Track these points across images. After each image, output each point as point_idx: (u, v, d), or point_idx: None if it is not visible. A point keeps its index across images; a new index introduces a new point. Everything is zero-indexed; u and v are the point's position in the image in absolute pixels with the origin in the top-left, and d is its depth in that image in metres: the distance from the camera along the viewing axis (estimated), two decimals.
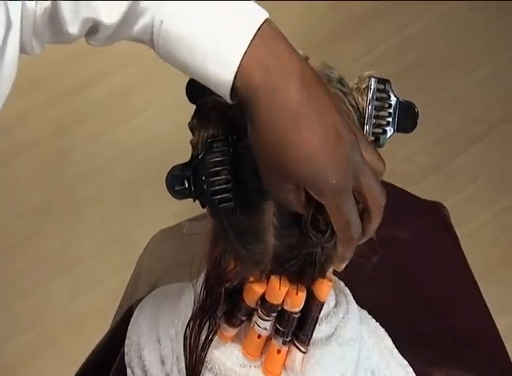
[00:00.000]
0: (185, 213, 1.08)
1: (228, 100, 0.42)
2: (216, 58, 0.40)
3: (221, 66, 0.40)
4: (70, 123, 1.63)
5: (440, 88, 1.60)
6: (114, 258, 1.46)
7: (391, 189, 0.47)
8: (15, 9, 0.41)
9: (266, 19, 0.41)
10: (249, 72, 0.40)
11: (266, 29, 0.40)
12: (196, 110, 0.50)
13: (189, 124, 0.49)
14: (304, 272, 0.50)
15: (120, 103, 1.65)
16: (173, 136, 1.58)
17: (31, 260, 1.48)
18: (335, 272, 0.54)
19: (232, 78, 0.40)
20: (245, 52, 0.39)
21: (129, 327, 0.65)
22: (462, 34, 1.69)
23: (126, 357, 0.65)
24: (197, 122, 0.48)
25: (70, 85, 1.67)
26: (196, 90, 0.50)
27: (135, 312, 0.66)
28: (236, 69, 0.40)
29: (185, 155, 0.49)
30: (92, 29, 0.44)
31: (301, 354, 0.51)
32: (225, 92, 0.42)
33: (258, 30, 0.40)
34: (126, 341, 0.65)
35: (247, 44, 0.40)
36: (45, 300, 1.44)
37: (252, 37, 0.40)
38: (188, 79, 0.51)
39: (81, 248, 1.48)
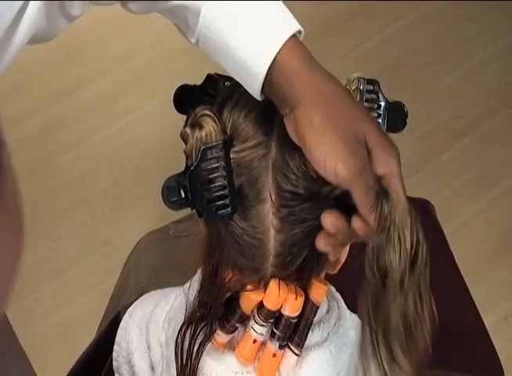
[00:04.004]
0: (170, 215, 1.08)
1: (260, 82, 0.45)
2: (258, 42, 0.45)
3: (262, 47, 0.45)
4: (55, 128, 1.62)
5: (423, 85, 1.61)
6: (100, 263, 1.45)
7: None
8: None
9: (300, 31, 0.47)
10: (286, 56, 0.45)
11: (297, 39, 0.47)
12: (186, 119, 0.50)
13: (180, 133, 0.49)
14: (303, 269, 0.50)
15: (104, 107, 1.64)
16: (158, 140, 1.58)
17: None
18: (327, 276, 0.53)
19: (272, 58, 0.44)
20: (283, 44, 0.45)
21: (118, 332, 0.64)
22: (444, 31, 1.71)
23: (114, 363, 0.64)
24: (189, 131, 0.48)
25: (55, 90, 1.65)
26: (184, 99, 0.50)
27: (124, 317, 0.65)
28: (277, 50, 0.45)
29: (170, 158, 0.49)
30: None
31: (295, 357, 0.51)
32: (262, 71, 0.45)
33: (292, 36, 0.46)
34: (115, 347, 0.64)
35: (286, 38, 0.45)
36: (30, 308, 1.42)
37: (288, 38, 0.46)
38: (175, 89, 0.51)
39: (67, 254, 1.47)
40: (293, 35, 0.46)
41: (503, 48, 1.68)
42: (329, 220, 0.46)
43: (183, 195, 0.47)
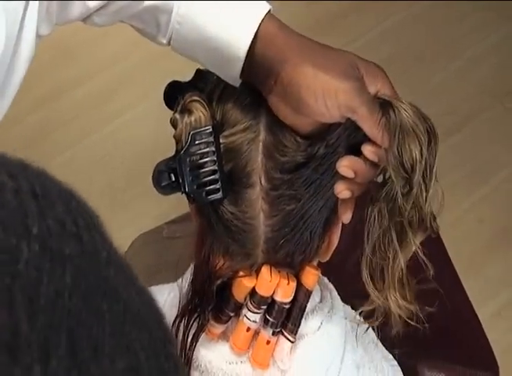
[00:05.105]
0: (165, 216, 1.07)
1: (243, 49, 0.46)
2: (238, 20, 0.47)
3: (242, 25, 0.46)
4: (49, 130, 1.62)
5: (414, 82, 1.62)
6: None
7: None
8: None
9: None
10: (266, 26, 0.47)
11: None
12: (176, 105, 0.50)
13: (170, 119, 0.50)
14: (295, 254, 0.50)
15: (97, 108, 1.64)
16: (151, 141, 1.57)
17: None
18: (319, 264, 0.54)
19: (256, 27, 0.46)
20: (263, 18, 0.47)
21: None
22: (435, 30, 1.71)
23: None
24: (179, 116, 0.48)
25: (48, 91, 1.65)
26: (175, 96, 0.50)
27: None
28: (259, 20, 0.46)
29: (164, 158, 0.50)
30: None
31: (290, 344, 0.51)
32: (244, 46, 0.46)
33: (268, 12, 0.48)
34: None
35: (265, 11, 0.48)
36: None
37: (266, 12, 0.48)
38: (165, 86, 0.51)
39: None
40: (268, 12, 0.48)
41: (494, 47, 1.69)
42: (345, 164, 0.47)
43: (173, 179, 0.47)
